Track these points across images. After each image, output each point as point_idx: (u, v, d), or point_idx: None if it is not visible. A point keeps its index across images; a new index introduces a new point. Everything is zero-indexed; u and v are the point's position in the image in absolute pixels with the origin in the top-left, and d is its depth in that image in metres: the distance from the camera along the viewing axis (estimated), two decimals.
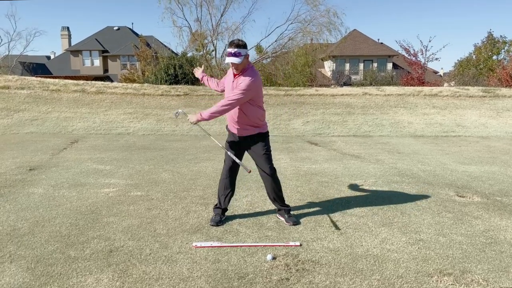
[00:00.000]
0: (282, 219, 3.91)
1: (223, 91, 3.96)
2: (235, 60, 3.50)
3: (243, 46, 3.55)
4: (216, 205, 3.97)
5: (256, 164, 3.88)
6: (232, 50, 3.51)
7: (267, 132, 3.86)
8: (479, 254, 3.18)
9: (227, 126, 3.97)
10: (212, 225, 3.76)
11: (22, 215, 4.04)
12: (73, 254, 3.12)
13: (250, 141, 3.80)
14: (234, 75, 3.67)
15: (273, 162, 3.87)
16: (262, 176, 3.88)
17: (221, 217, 3.89)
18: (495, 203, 4.59)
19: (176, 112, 4.09)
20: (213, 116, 3.60)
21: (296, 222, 3.84)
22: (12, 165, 6.47)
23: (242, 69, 3.60)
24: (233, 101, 3.56)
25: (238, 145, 3.87)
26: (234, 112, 3.72)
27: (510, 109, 13.80)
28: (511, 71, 22.19)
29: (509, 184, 5.55)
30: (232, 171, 3.90)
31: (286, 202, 4.00)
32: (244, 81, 3.55)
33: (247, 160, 3.94)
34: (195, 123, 3.73)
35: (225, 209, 3.96)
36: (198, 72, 4.35)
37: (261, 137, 3.80)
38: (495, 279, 2.77)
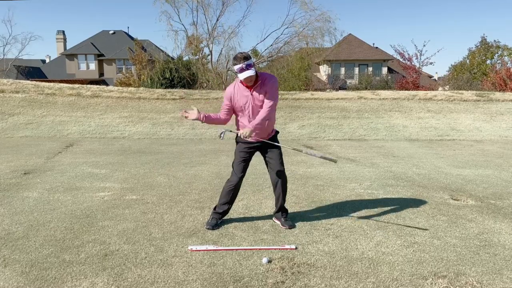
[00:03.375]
0: (278, 222, 3.92)
1: (230, 115, 3.82)
2: (251, 72, 3.46)
3: (250, 57, 3.55)
4: (215, 208, 3.97)
5: (270, 165, 3.86)
6: (243, 64, 3.44)
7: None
8: (473, 257, 3.20)
9: (238, 135, 3.82)
10: (208, 229, 3.76)
11: (17, 219, 4.02)
12: (68, 258, 3.10)
13: (268, 143, 3.82)
14: (249, 87, 3.61)
15: None
16: (277, 175, 3.83)
17: (217, 220, 3.89)
18: (489, 206, 4.62)
19: (221, 133, 3.77)
20: (263, 122, 3.63)
21: (292, 226, 3.84)
22: (7, 169, 6.44)
23: (257, 77, 3.59)
24: (273, 104, 3.64)
25: (251, 153, 3.85)
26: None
27: (503, 113, 13.91)
28: (505, 75, 22.39)
29: (503, 187, 5.59)
30: (240, 181, 3.87)
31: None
32: (271, 84, 3.62)
33: (253, 165, 3.94)
34: (252, 136, 3.63)
35: (224, 214, 3.96)
36: (193, 115, 3.71)
37: (276, 137, 3.90)
38: (489, 281, 2.79)
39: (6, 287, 2.68)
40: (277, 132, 3.93)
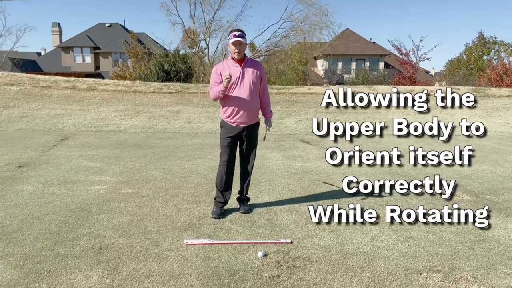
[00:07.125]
0: (239, 207, 4.14)
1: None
2: (242, 40, 3.70)
3: (245, 34, 3.79)
4: (215, 198, 4.07)
5: (244, 153, 4.03)
6: (237, 32, 3.72)
7: None
8: (468, 252, 3.21)
9: (225, 121, 3.92)
10: (214, 218, 3.86)
11: (11, 212, 3.99)
12: (62, 252, 3.09)
13: (251, 129, 3.97)
14: (239, 62, 3.79)
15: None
16: (247, 164, 4.06)
17: (221, 209, 3.99)
18: (484, 201, 4.64)
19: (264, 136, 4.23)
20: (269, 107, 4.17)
21: (246, 211, 4.04)
22: (1, 162, 6.40)
23: (244, 55, 3.81)
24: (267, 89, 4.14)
25: (239, 138, 3.96)
26: (251, 100, 3.86)
27: (499, 109, 13.96)
28: (501, 71, 22.45)
29: (498, 182, 5.62)
30: (228, 166, 3.99)
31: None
32: (261, 68, 3.92)
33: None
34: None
35: (225, 203, 4.08)
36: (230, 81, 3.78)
37: (257, 128, 4.06)
38: (483, 276, 2.80)
39: (0, 280, 2.66)
40: (258, 121, 4.07)
